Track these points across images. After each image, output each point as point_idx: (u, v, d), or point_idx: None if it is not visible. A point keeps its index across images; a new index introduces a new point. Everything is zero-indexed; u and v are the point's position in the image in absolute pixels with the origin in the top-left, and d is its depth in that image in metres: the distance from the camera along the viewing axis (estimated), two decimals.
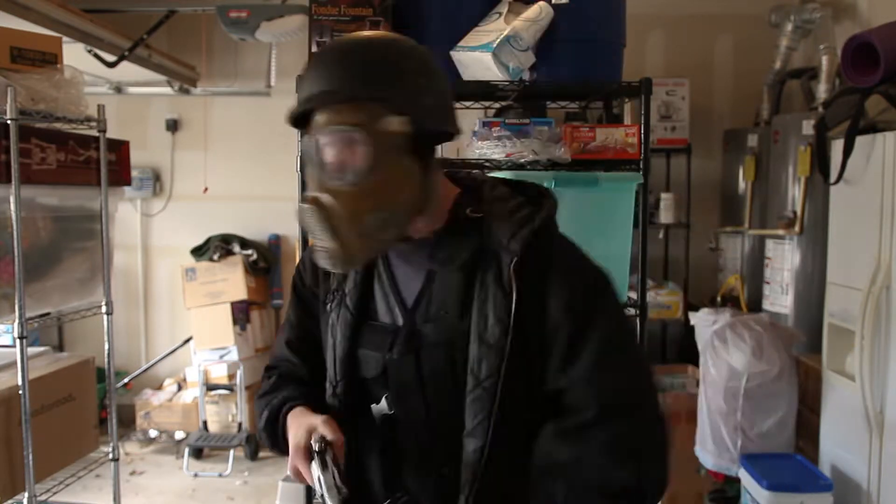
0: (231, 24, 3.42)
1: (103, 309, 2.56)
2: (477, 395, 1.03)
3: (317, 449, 1.05)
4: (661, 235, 4.15)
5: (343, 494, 1.01)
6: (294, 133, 2.05)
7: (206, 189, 4.58)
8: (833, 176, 2.72)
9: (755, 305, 3.63)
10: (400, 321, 1.13)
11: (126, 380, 4.51)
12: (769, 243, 3.49)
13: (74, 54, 3.18)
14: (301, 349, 1.26)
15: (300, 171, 1.09)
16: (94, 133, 2.49)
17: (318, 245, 1.04)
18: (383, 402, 1.12)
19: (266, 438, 1.23)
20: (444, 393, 1.07)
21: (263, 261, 4.47)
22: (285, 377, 1.25)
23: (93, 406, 2.61)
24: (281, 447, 1.17)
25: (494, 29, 1.97)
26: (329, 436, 1.06)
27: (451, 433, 1.06)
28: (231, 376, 4.20)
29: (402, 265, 1.15)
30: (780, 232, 3.33)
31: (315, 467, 1.04)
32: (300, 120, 1.07)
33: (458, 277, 1.08)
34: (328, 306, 1.19)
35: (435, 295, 1.10)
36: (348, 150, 1.01)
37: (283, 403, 1.19)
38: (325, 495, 1.01)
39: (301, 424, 1.11)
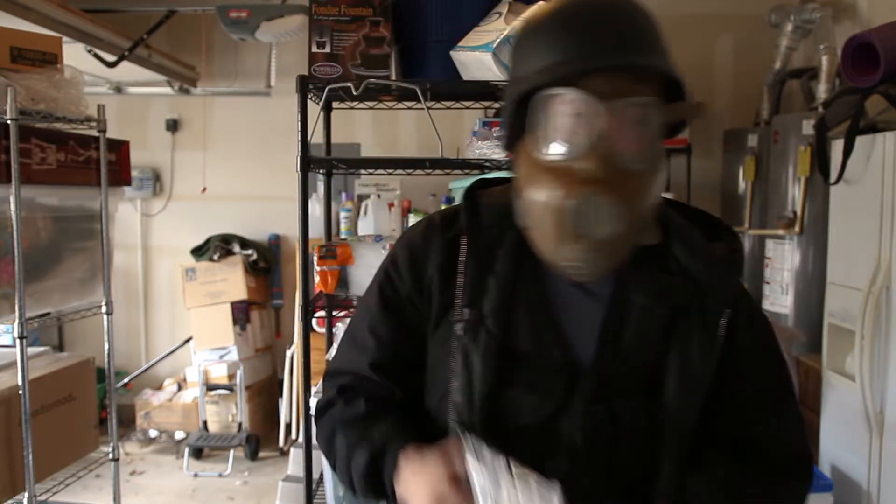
0: (231, 24, 3.42)
1: (103, 309, 2.56)
2: (673, 449, 0.91)
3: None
4: None
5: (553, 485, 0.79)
6: (293, 133, 2.06)
7: (204, 189, 4.58)
8: (833, 176, 2.72)
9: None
10: (556, 355, 0.93)
11: (126, 380, 4.52)
12: (769, 243, 3.49)
13: (74, 54, 3.18)
14: (391, 373, 1.00)
15: (551, 139, 0.88)
16: (94, 133, 2.49)
17: (578, 244, 0.86)
18: (561, 461, 0.90)
19: (362, 487, 0.95)
20: (635, 449, 0.91)
21: (263, 261, 4.47)
22: (375, 400, 0.99)
23: (93, 406, 2.61)
24: (385, 496, 0.93)
25: (494, 29, 1.97)
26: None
27: (632, 494, 0.92)
28: (231, 376, 4.20)
29: (571, 288, 0.95)
30: (780, 232, 3.33)
31: (484, 478, 0.80)
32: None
33: (663, 316, 0.93)
34: (455, 326, 0.94)
35: (631, 332, 0.92)
36: (636, 129, 0.86)
37: (386, 445, 0.93)
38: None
39: (431, 469, 0.85)
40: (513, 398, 0.92)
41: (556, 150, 0.87)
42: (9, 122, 2.05)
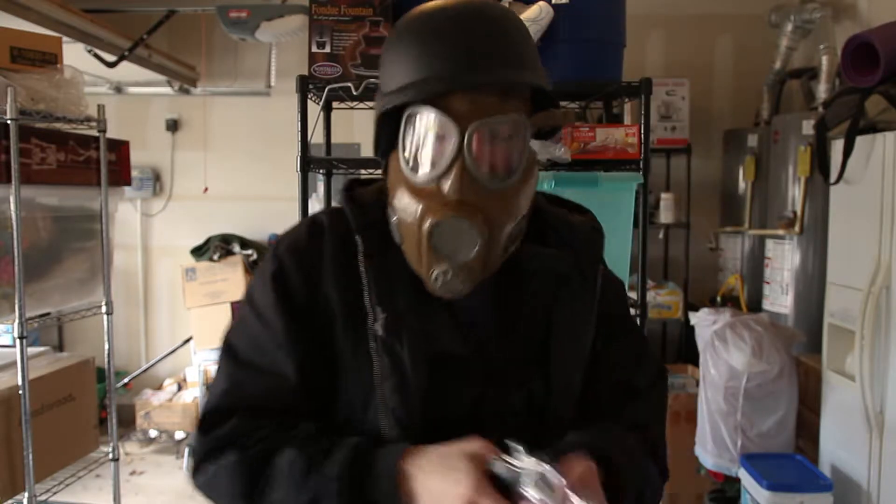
0: (231, 24, 3.42)
1: (103, 309, 2.56)
2: (563, 401, 0.97)
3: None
4: (661, 235, 4.15)
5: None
6: (293, 133, 2.06)
7: (206, 189, 4.58)
8: (833, 176, 2.72)
9: (755, 305, 3.63)
10: (462, 347, 0.94)
11: (126, 380, 4.51)
12: (769, 243, 3.49)
13: (74, 54, 3.18)
14: (305, 394, 0.91)
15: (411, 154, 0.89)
16: (94, 133, 2.49)
17: (441, 265, 0.86)
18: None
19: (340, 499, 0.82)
20: (538, 413, 0.96)
21: None
22: (303, 430, 0.89)
23: (93, 406, 2.61)
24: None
25: None
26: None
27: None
28: None
29: None
30: (780, 232, 3.33)
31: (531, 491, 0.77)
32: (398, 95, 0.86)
33: (550, 285, 0.97)
34: (374, 327, 0.89)
35: (526, 307, 0.97)
36: (502, 146, 0.86)
37: (366, 449, 0.85)
38: None
39: (451, 464, 0.80)
40: (440, 391, 0.90)
41: (420, 169, 0.87)
42: (9, 122, 2.05)
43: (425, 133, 0.86)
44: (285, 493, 0.84)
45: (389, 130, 0.91)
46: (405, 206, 0.88)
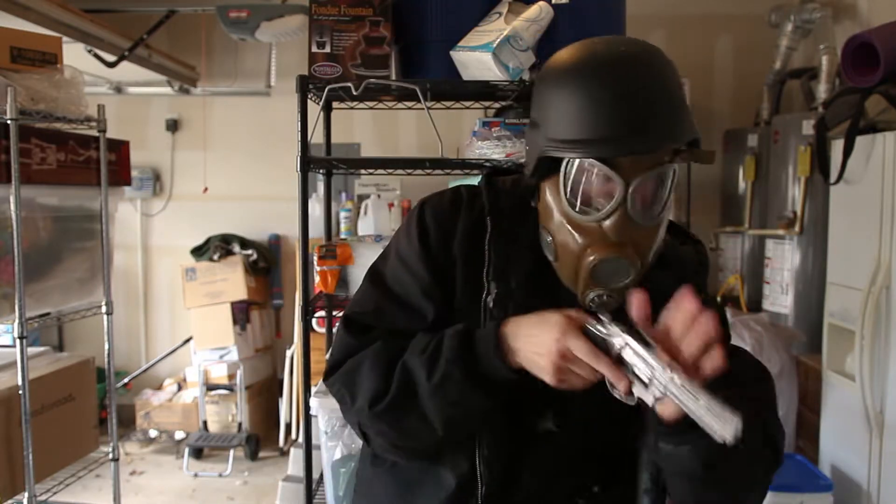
0: (231, 24, 3.42)
1: (103, 309, 2.56)
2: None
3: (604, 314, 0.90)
4: None
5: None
6: (293, 133, 2.06)
7: (206, 189, 4.58)
8: (833, 176, 2.72)
9: (755, 305, 3.63)
10: None
11: (126, 380, 4.52)
12: (769, 243, 3.49)
13: (74, 54, 3.18)
14: (432, 327, 1.04)
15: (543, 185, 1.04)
16: (94, 133, 2.49)
17: (597, 290, 0.96)
18: (549, 418, 1.03)
19: (453, 369, 0.96)
20: (610, 409, 0.99)
21: (263, 261, 4.47)
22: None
23: (93, 406, 2.61)
24: (477, 373, 0.96)
25: (494, 29, 1.97)
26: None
27: (608, 450, 1.05)
28: (231, 376, 4.20)
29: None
30: (780, 232, 3.33)
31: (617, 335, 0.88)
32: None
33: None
34: (487, 299, 1.03)
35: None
36: (657, 190, 0.97)
37: (470, 328, 0.99)
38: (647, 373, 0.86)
39: (546, 318, 0.92)
40: None
41: (583, 211, 0.96)
42: (9, 122, 2.05)
43: (591, 182, 0.95)
44: (420, 372, 0.98)
45: (549, 162, 0.98)
46: (565, 236, 0.98)
